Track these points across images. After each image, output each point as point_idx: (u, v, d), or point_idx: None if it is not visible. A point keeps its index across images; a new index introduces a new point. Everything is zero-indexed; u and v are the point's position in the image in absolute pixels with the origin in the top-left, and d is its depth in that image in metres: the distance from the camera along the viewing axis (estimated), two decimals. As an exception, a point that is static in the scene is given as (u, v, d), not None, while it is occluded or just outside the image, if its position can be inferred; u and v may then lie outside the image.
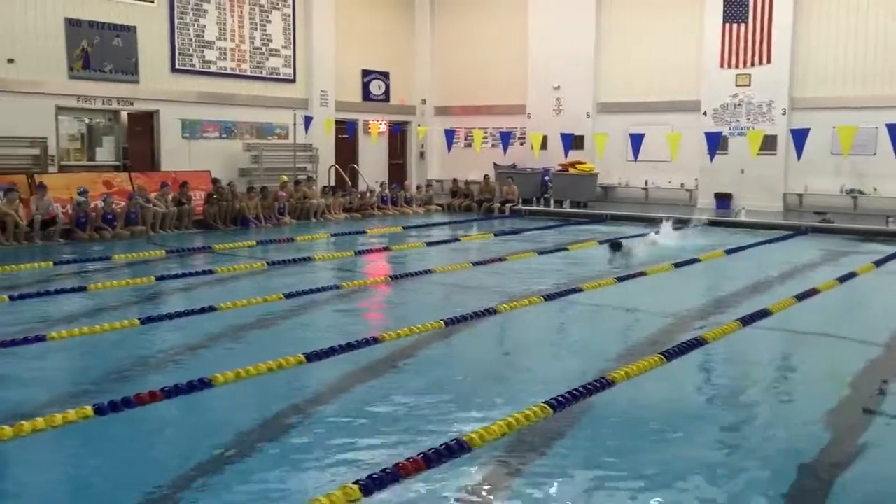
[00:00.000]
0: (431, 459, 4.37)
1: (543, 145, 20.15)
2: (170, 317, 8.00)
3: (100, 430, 4.87)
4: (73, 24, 16.65)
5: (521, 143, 22.13)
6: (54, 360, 6.72)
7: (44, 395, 5.55)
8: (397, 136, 24.06)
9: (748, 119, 19.24)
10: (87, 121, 17.69)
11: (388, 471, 4.16)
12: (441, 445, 4.52)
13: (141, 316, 7.92)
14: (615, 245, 11.82)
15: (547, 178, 21.14)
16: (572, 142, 19.26)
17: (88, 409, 4.92)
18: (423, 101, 24.42)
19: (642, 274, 10.74)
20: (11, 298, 8.77)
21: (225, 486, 4.14)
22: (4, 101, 15.47)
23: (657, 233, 13.72)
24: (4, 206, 13.30)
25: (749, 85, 19.19)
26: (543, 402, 5.26)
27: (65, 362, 6.77)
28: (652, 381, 6.09)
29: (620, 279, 10.37)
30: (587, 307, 9.07)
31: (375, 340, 6.90)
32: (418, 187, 21.88)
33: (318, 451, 4.61)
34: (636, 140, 17.52)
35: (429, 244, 14.45)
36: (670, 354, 6.58)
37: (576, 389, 5.55)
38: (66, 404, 5.18)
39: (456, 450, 4.52)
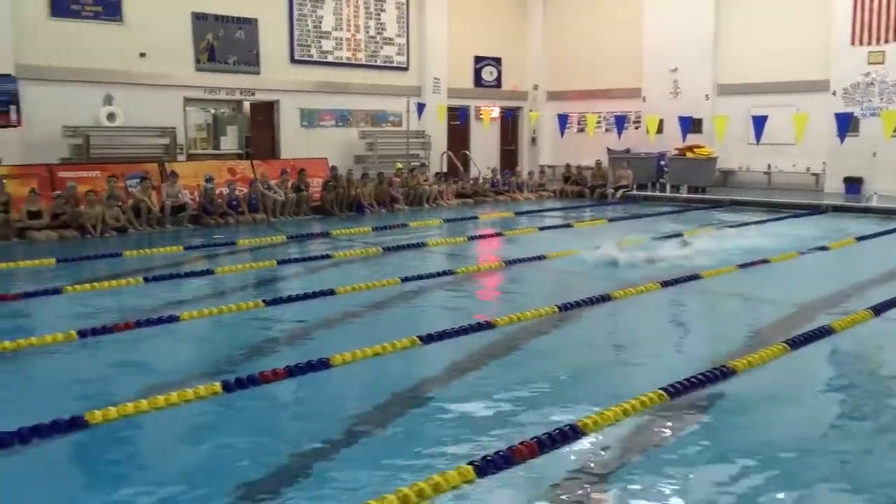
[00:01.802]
0: (545, 444, 4.37)
1: (659, 129, 19.64)
2: (290, 299, 8.28)
3: (227, 405, 5.11)
4: (199, 19, 17.42)
5: (636, 128, 21.64)
6: (185, 338, 7.08)
7: (176, 371, 5.86)
8: (509, 121, 24.00)
9: (881, 99, 18.12)
10: (212, 111, 18.49)
11: (501, 453, 4.19)
12: (554, 430, 4.51)
13: (264, 298, 8.24)
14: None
15: (663, 162, 20.60)
16: (690, 125, 18.70)
17: (217, 386, 5.17)
18: (536, 87, 24.24)
19: (765, 262, 10.35)
20: (146, 280, 9.30)
21: (341, 462, 4.27)
22: (137, 93, 16.36)
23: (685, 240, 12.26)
24: (139, 194, 14.11)
25: (883, 63, 18.06)
26: (660, 389, 5.16)
27: (194, 340, 7.13)
28: (775, 371, 5.87)
29: (742, 266, 10.02)
30: (706, 294, 8.82)
31: (489, 325, 6.94)
32: (530, 173, 21.77)
33: (433, 432, 4.69)
34: (758, 122, 16.83)
35: (541, 229, 14.38)
36: (795, 343, 6.32)
37: (694, 377, 5.42)
38: (196, 380, 5.47)
39: (570, 435, 4.51)
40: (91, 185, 14.10)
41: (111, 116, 16.02)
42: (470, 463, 4.04)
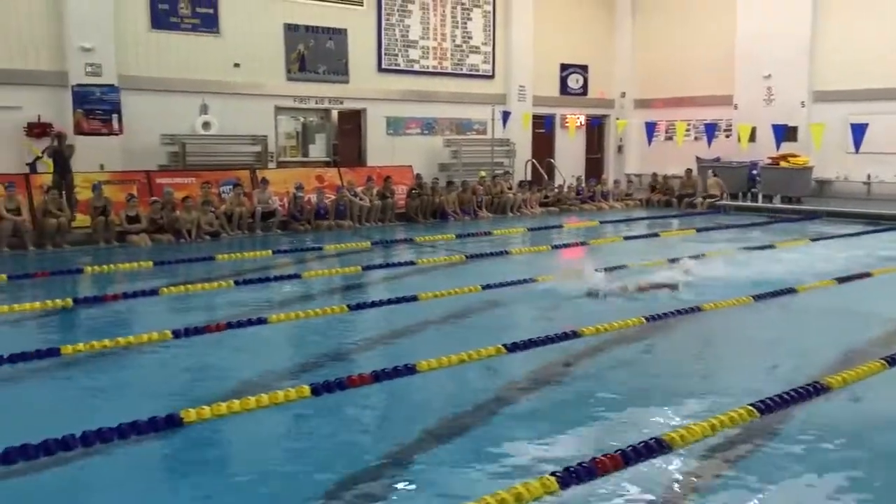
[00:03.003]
0: (629, 457, 4.29)
1: (752, 138, 19.11)
2: (375, 304, 8.39)
3: (315, 408, 5.21)
4: (291, 29, 17.88)
5: (727, 136, 21.11)
6: (273, 340, 7.27)
7: (264, 372, 6.02)
8: (595, 130, 23.76)
9: None
10: (301, 119, 18.95)
11: (585, 465, 4.14)
12: (640, 443, 4.43)
13: (349, 302, 8.38)
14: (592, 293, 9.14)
15: (755, 172, 19.98)
16: (784, 133, 18.11)
17: (306, 389, 5.28)
18: (623, 94, 23.93)
19: (867, 275, 9.93)
20: (237, 283, 9.59)
21: (422, 469, 4.29)
22: (231, 102, 16.91)
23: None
24: (234, 200, 14.57)
25: None
26: (749, 405, 5.01)
27: (282, 343, 7.31)
28: (873, 388, 5.62)
29: (841, 280, 9.64)
30: (800, 308, 8.52)
31: (575, 334, 6.87)
32: (616, 182, 21.48)
33: (516, 440, 4.67)
34: (858, 130, 16.21)
35: (626, 239, 14.17)
36: (894, 361, 6.04)
37: (785, 393, 5.24)
38: (283, 382, 5.60)
39: (655, 449, 4.42)
40: (186, 191, 14.63)
41: (206, 125, 16.59)
42: (553, 474, 4.01)
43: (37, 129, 14.75)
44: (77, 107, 14.73)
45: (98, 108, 14.95)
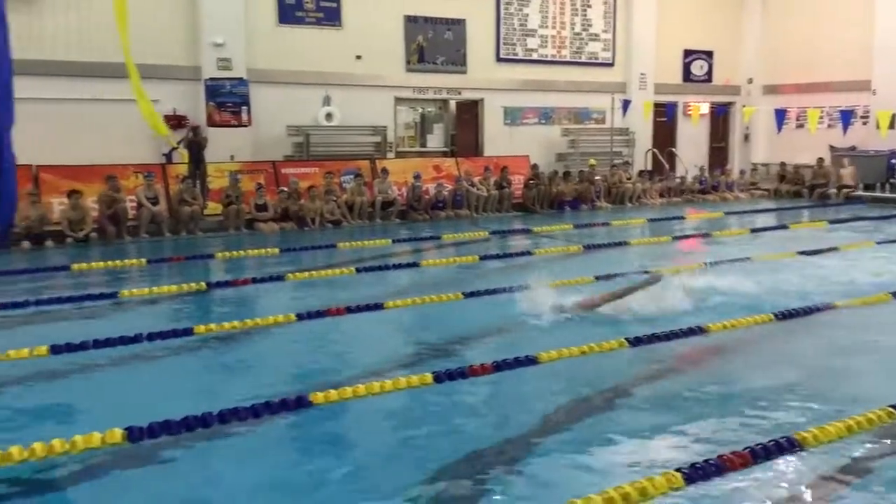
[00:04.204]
0: (759, 455, 4.14)
1: (891, 125, 17.93)
2: (490, 293, 8.40)
3: (437, 394, 5.28)
4: (411, 21, 18.10)
5: (864, 123, 19.92)
6: (391, 325, 7.41)
7: (384, 357, 6.17)
8: (720, 117, 22.92)
9: None
10: (420, 110, 19.18)
11: (712, 462, 4.02)
12: (770, 441, 4.27)
13: (464, 290, 8.42)
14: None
15: (895, 161, 18.80)
16: (929, 120, 16.94)
17: (428, 377, 5.36)
18: (750, 81, 22.95)
19: None
20: (357, 270, 9.83)
21: (542, 459, 4.28)
22: (352, 93, 17.29)
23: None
24: (355, 189, 14.93)
25: None
26: (890, 407, 4.73)
27: (400, 329, 7.43)
28: None
29: None
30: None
31: (701, 330, 6.67)
32: (741, 172, 20.72)
33: (637, 436, 4.58)
34: None
35: (753, 231, 13.64)
36: None
37: (931, 397, 4.92)
38: (402, 368, 5.70)
39: (786, 447, 4.25)
40: (310, 180, 15.09)
41: (329, 116, 17.04)
42: (678, 469, 3.91)
43: (172, 122, 15.54)
44: (209, 100, 15.45)
45: (228, 100, 15.64)
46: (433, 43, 18.35)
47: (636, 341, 6.33)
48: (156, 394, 5.35)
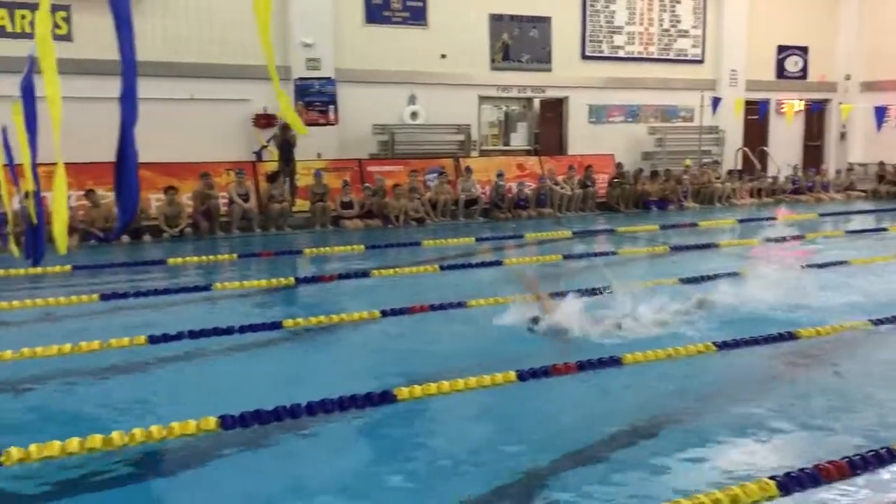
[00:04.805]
0: (857, 465, 3.99)
1: None
2: (574, 293, 8.29)
3: (519, 393, 5.27)
4: (496, 19, 18.10)
5: (973, 121, 18.92)
6: (472, 324, 7.38)
7: (464, 354, 6.19)
8: (815, 115, 22.12)
9: None
10: (504, 108, 19.15)
11: (807, 471, 3.89)
12: (868, 451, 4.10)
13: (548, 291, 8.35)
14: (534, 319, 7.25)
15: None
16: None
17: (512, 374, 5.35)
18: (847, 77, 22.08)
19: None
20: (441, 268, 9.89)
21: (627, 462, 4.23)
22: (437, 92, 17.39)
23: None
24: (438, 188, 15.03)
25: None
26: None
27: (481, 327, 7.38)
28: None
29: None
30: None
31: (791, 336, 6.44)
32: (837, 172, 19.93)
33: (729, 441, 4.48)
34: None
35: (848, 233, 13.11)
36: None
37: None
38: (483, 367, 5.68)
39: (886, 459, 4.07)
40: (395, 178, 15.26)
41: (414, 115, 17.19)
42: (772, 478, 3.80)
43: (263, 120, 15.95)
44: (298, 99, 15.78)
45: (317, 99, 15.96)
46: (518, 41, 18.29)
47: (723, 345, 6.16)
48: (247, 384, 5.51)
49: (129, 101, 3.37)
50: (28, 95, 5.23)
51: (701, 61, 20.36)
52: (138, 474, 4.15)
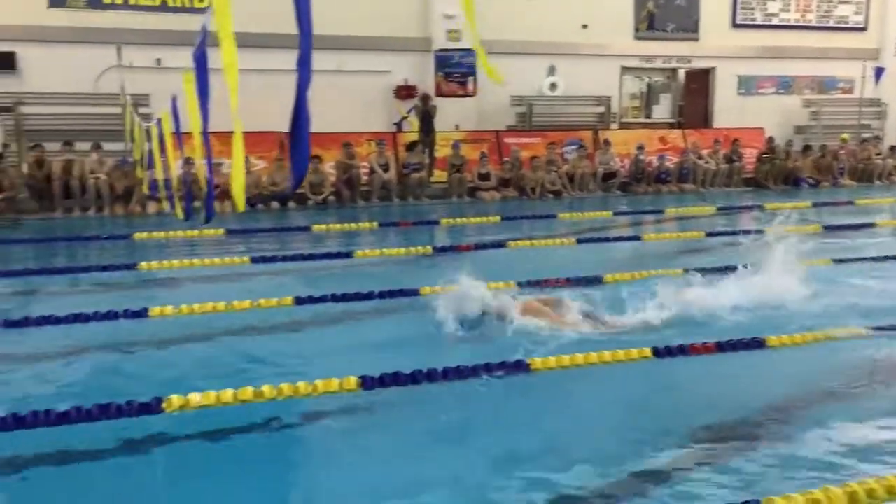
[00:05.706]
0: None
1: None
2: (715, 271, 8.01)
3: (655, 370, 5.19)
4: (641, -12, 17.58)
5: None
6: (609, 299, 7.28)
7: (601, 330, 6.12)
8: None
9: None
10: (646, 79, 18.62)
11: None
12: None
13: (686, 267, 8.12)
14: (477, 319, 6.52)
15: None
16: None
17: (648, 351, 5.27)
18: None
19: None
20: (578, 241, 9.82)
21: (749, 449, 4.07)
22: (577, 63, 17.12)
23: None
24: (576, 160, 14.87)
25: None
26: None
27: (618, 301, 7.28)
28: None
29: None
30: None
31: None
32: None
33: (866, 430, 4.25)
34: None
35: None
36: None
37: None
38: (621, 341, 5.62)
39: None
40: (532, 151, 15.20)
41: (553, 86, 17.01)
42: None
43: (403, 92, 16.22)
44: (438, 70, 15.95)
45: (456, 71, 16.06)
46: (664, 9, 17.70)
47: (878, 329, 5.81)
48: (386, 347, 5.69)
49: (304, 67, 3.69)
50: (201, 66, 5.54)
51: (864, 28, 19.03)
52: (281, 428, 4.39)
